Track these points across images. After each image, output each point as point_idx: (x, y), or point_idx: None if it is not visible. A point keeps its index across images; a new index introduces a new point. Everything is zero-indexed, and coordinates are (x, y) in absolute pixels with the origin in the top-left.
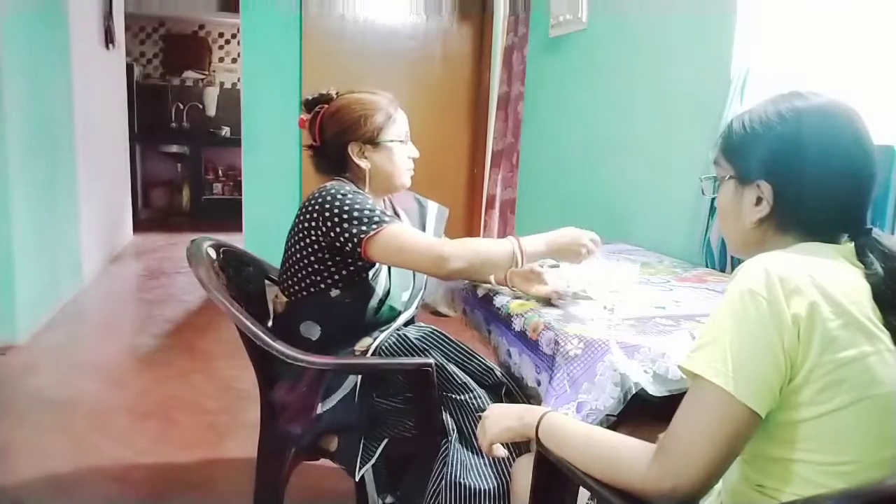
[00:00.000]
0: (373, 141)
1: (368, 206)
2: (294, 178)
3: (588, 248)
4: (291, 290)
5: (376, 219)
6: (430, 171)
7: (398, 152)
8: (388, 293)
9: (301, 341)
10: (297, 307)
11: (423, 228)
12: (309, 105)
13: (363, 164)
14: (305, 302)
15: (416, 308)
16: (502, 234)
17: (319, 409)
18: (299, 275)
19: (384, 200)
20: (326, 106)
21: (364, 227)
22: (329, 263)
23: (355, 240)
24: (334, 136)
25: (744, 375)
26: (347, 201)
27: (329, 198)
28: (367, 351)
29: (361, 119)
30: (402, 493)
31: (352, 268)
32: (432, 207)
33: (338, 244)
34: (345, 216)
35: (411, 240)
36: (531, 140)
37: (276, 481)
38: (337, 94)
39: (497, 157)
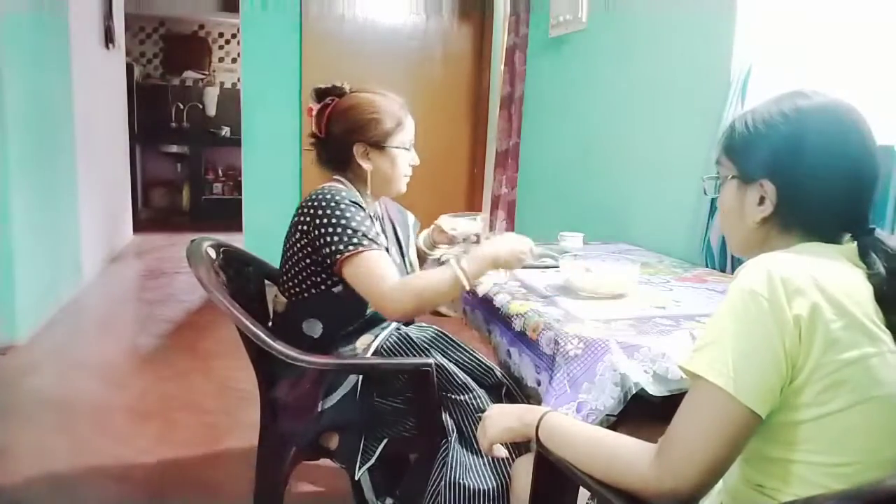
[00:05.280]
0: (379, 145)
1: (354, 224)
2: (294, 178)
3: (526, 254)
4: (293, 290)
5: (355, 240)
6: (430, 172)
7: (401, 159)
8: None
9: (303, 339)
10: (299, 306)
11: (408, 239)
12: (320, 95)
13: (366, 165)
14: (307, 301)
15: None
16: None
17: (322, 406)
18: (301, 275)
19: (379, 205)
20: (337, 100)
21: (341, 246)
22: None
23: (333, 256)
24: (341, 133)
25: (744, 376)
26: (338, 212)
27: (324, 203)
28: (368, 349)
29: (372, 122)
30: (401, 493)
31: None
32: (410, 219)
33: (321, 253)
34: (330, 228)
35: (372, 274)
36: (531, 140)
37: (276, 481)
38: (350, 89)
39: (502, 158)
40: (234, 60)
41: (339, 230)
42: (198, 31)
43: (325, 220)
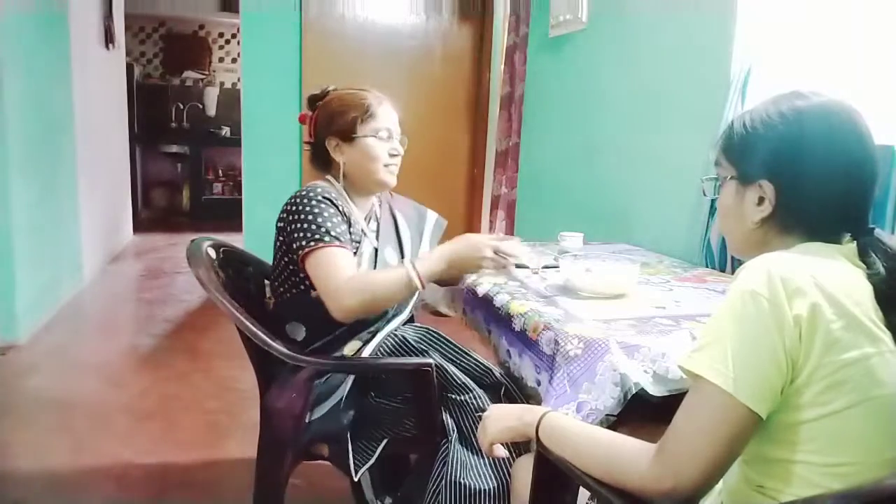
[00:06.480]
0: (347, 136)
1: (319, 220)
2: (294, 178)
3: (491, 258)
4: (277, 291)
5: (318, 235)
6: (429, 172)
7: (375, 148)
8: None
9: (288, 343)
10: (281, 308)
11: (420, 238)
12: (311, 101)
13: (338, 158)
14: (289, 303)
15: (411, 311)
16: (509, 234)
17: (309, 417)
18: (283, 275)
19: (379, 201)
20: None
21: (303, 242)
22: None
23: (298, 252)
24: (318, 132)
25: (744, 376)
26: (306, 208)
27: (296, 201)
28: (359, 354)
29: (337, 114)
30: (401, 493)
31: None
32: (430, 218)
33: (292, 248)
34: (298, 224)
35: (328, 271)
36: (531, 140)
37: (275, 481)
38: (333, 90)
39: (502, 158)
40: (234, 60)
41: (304, 225)
42: (198, 31)
43: (295, 216)
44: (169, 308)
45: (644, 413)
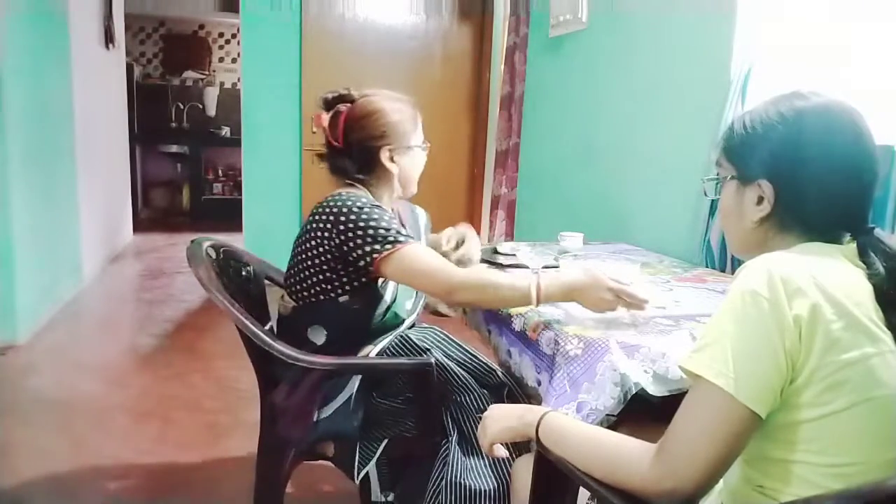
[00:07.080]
0: (404, 146)
1: (384, 224)
2: (294, 178)
3: (610, 300)
4: (300, 294)
5: (391, 238)
6: (430, 172)
7: (421, 157)
8: (394, 300)
9: (306, 345)
10: (304, 312)
11: (419, 237)
12: (329, 104)
13: (392, 168)
14: (314, 307)
15: (418, 314)
16: (509, 234)
17: (317, 416)
18: (309, 281)
19: (392, 209)
20: (349, 106)
21: (377, 246)
22: (341, 273)
23: (368, 258)
24: (364, 140)
25: (745, 376)
26: (364, 215)
27: (345, 209)
28: (367, 356)
29: (395, 124)
30: (402, 492)
31: (363, 278)
32: (422, 215)
33: (350, 258)
34: (360, 231)
35: (424, 264)
36: (531, 140)
37: (275, 481)
38: (359, 95)
39: (502, 158)
40: (234, 60)
41: (370, 231)
42: (198, 31)
43: (351, 225)
44: (169, 308)
45: (644, 413)
